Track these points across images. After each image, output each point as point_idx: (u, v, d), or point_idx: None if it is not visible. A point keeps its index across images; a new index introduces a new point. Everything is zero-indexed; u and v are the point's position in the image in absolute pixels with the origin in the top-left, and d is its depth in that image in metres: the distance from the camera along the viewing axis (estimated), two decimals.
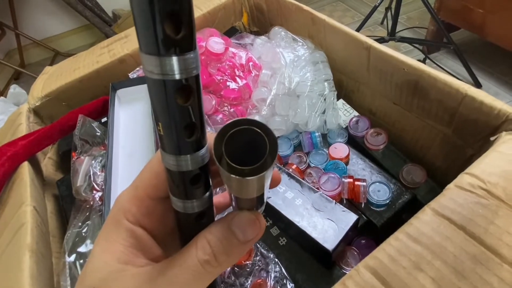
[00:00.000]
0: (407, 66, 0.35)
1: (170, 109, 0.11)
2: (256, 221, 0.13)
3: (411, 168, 0.40)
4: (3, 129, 0.49)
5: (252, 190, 0.12)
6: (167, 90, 0.11)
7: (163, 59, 0.10)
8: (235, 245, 0.13)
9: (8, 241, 0.31)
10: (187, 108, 0.11)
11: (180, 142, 0.12)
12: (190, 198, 0.13)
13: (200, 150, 0.12)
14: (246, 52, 0.47)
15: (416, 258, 0.22)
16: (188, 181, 0.13)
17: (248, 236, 0.13)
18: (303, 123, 0.46)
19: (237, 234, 0.13)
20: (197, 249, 0.12)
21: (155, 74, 0.10)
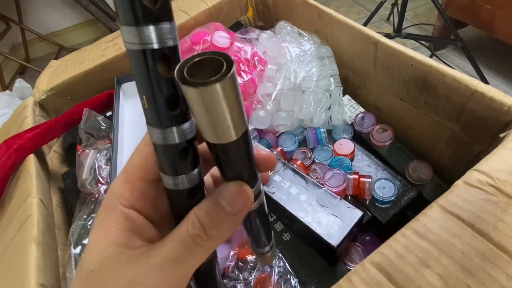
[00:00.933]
0: (415, 61, 0.34)
1: (152, 80, 0.11)
2: (242, 192, 0.13)
3: (417, 165, 0.40)
4: (9, 122, 0.49)
5: (218, 114, 0.11)
6: (147, 60, 0.11)
7: (142, 29, 0.10)
8: (223, 218, 0.13)
9: (14, 233, 0.31)
10: (169, 79, 0.11)
11: (164, 115, 0.12)
12: (179, 173, 0.13)
13: (186, 122, 0.12)
14: (251, 47, 0.47)
15: (423, 255, 0.22)
16: (176, 155, 0.13)
17: (235, 208, 0.13)
18: (308, 119, 0.45)
19: (225, 206, 0.13)
20: (188, 224, 0.13)
21: (135, 45, 0.11)
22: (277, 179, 0.40)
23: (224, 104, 0.11)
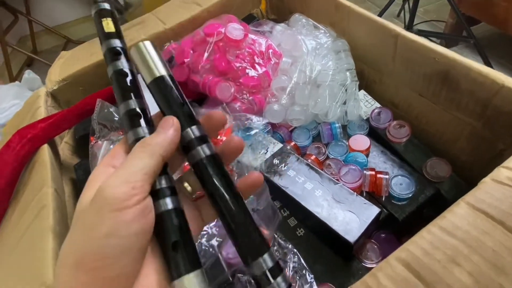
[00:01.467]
0: (438, 55, 0.33)
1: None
2: (169, 118, 0.18)
3: (436, 162, 0.39)
4: (21, 112, 0.49)
5: (146, 60, 0.19)
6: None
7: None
8: (157, 134, 0.18)
9: (30, 222, 0.31)
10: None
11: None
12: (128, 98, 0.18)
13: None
14: (266, 39, 0.46)
15: (451, 252, 0.21)
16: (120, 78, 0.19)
17: (163, 126, 0.18)
18: (323, 114, 0.44)
19: (158, 129, 0.18)
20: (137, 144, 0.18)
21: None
22: (291, 174, 0.39)
23: (147, 55, 0.19)
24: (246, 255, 0.17)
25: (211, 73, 0.45)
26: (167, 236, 0.16)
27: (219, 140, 0.38)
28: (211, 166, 0.18)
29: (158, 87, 0.19)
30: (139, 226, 0.15)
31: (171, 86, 0.19)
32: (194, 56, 0.47)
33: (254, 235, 0.17)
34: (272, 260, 0.17)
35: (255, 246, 0.17)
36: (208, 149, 0.18)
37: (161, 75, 0.18)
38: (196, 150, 0.18)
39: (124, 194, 0.15)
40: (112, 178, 0.15)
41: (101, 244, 0.14)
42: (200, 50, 0.47)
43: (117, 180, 0.15)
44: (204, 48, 0.47)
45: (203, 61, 0.46)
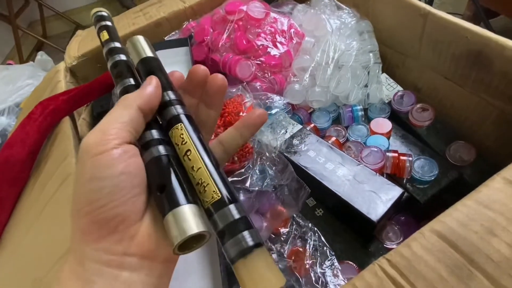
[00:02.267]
0: (470, 33, 0.32)
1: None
2: (152, 77, 0.19)
3: (460, 146, 0.38)
4: (40, 86, 0.49)
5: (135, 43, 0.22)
6: None
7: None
8: (141, 89, 0.18)
9: (55, 190, 0.31)
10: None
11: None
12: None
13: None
14: (287, 18, 0.45)
15: (489, 224, 0.21)
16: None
17: (145, 83, 0.19)
18: (344, 96, 0.44)
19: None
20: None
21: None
22: (312, 154, 0.39)
23: (139, 44, 0.22)
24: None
25: (231, 51, 0.45)
26: (154, 180, 0.17)
27: (241, 117, 0.38)
28: (188, 122, 0.18)
29: (144, 65, 0.20)
30: (120, 168, 0.15)
31: (156, 62, 0.21)
32: (214, 35, 0.46)
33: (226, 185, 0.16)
34: (239, 213, 0.15)
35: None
36: (181, 109, 0.19)
37: (147, 56, 0.21)
38: (170, 108, 0.19)
39: (99, 139, 0.16)
40: (92, 130, 0.16)
41: (87, 189, 0.15)
42: (220, 28, 0.47)
43: (93, 131, 0.16)
44: (224, 26, 0.46)
45: (223, 39, 0.45)
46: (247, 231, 0.15)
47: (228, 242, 0.15)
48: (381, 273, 0.20)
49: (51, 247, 0.28)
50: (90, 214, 0.15)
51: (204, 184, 0.16)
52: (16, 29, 1.44)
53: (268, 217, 0.36)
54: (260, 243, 0.15)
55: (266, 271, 0.14)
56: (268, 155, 0.39)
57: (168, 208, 0.15)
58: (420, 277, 0.19)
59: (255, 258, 0.14)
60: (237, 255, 0.14)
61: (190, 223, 0.15)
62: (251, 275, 0.14)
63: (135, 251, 0.15)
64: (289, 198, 0.33)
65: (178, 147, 0.17)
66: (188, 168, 0.17)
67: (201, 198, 0.16)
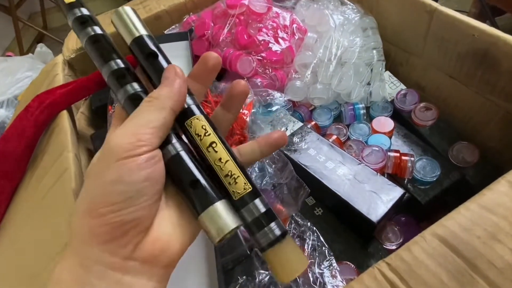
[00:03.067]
0: (478, 31, 0.31)
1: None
2: (171, 66, 0.18)
3: (463, 146, 0.37)
4: (38, 79, 0.49)
5: (125, 23, 0.19)
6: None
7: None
8: (161, 87, 0.17)
9: (51, 184, 0.31)
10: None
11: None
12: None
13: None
14: (290, 13, 0.45)
15: (492, 229, 0.20)
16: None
17: (167, 75, 0.18)
18: (346, 93, 0.43)
19: (162, 80, 0.18)
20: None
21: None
22: (312, 153, 0.38)
23: (128, 19, 0.19)
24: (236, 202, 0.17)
25: (232, 46, 0.44)
26: (184, 177, 0.16)
27: (241, 114, 0.37)
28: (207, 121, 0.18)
29: (139, 46, 0.18)
30: (145, 174, 0.15)
31: (154, 43, 0.19)
32: (214, 29, 0.45)
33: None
34: (265, 206, 0.17)
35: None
36: (194, 99, 0.18)
37: (140, 34, 0.19)
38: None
39: (129, 144, 0.15)
40: (119, 130, 0.16)
41: (107, 191, 0.15)
42: (221, 22, 0.46)
43: (124, 132, 0.15)
44: (225, 21, 0.45)
45: (224, 34, 0.44)
46: (274, 222, 0.17)
47: (258, 233, 0.16)
48: (380, 277, 0.20)
49: (48, 243, 0.28)
50: (105, 215, 0.14)
51: (234, 176, 0.17)
52: (17, 20, 1.43)
53: None
54: (286, 231, 0.17)
55: (292, 256, 0.17)
56: None
57: (204, 205, 0.16)
58: (420, 282, 0.19)
59: (282, 246, 0.16)
60: (267, 245, 0.16)
61: (227, 220, 0.16)
62: (280, 261, 0.16)
63: (138, 255, 0.15)
64: (289, 197, 0.33)
65: (200, 138, 0.17)
66: (214, 160, 0.17)
67: (231, 189, 0.17)
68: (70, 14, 0.19)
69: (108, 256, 0.14)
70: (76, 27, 0.19)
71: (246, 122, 0.37)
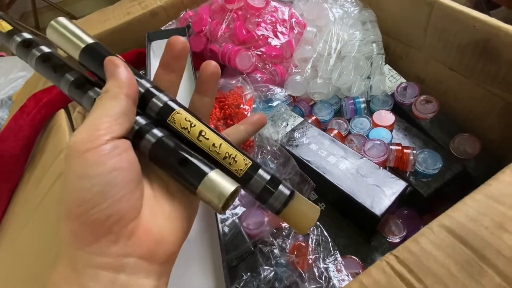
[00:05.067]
0: (479, 22, 0.31)
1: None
2: (110, 59, 0.17)
3: (464, 138, 0.37)
4: (32, 79, 0.48)
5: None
6: None
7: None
8: (108, 80, 0.17)
9: (50, 185, 0.30)
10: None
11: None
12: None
13: None
14: (289, 7, 0.44)
15: (500, 219, 0.20)
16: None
17: (107, 68, 0.17)
18: (346, 88, 0.43)
19: (107, 73, 0.17)
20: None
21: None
22: (314, 148, 0.38)
23: (66, 30, 0.18)
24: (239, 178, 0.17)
25: (230, 42, 0.44)
26: (172, 159, 0.16)
27: (242, 109, 0.37)
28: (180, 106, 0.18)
29: (89, 55, 0.18)
30: (111, 164, 0.14)
31: (104, 50, 0.18)
32: (212, 25, 0.45)
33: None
34: (268, 174, 0.18)
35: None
36: (167, 96, 0.18)
37: (88, 43, 0.18)
38: (156, 96, 0.18)
39: (88, 136, 0.14)
40: (77, 128, 0.15)
41: (75, 188, 0.14)
42: (219, 18, 0.45)
43: (81, 127, 0.15)
44: (223, 16, 0.45)
45: (222, 29, 0.44)
46: (281, 184, 0.18)
47: (271, 199, 0.17)
48: (388, 270, 0.20)
49: (47, 244, 0.27)
50: (82, 216, 0.14)
51: (232, 155, 0.17)
52: None
53: (270, 212, 0.36)
54: (293, 190, 0.18)
55: (305, 208, 0.18)
56: (269, 148, 0.38)
57: (199, 177, 0.16)
58: (429, 274, 0.19)
59: (294, 203, 0.17)
60: (281, 206, 0.17)
61: (225, 184, 0.16)
62: (297, 215, 0.18)
63: (133, 251, 0.14)
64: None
65: (188, 130, 0.17)
66: (208, 147, 0.17)
67: (233, 168, 0.17)
68: (11, 41, 0.19)
69: (97, 257, 0.14)
70: (22, 51, 0.19)
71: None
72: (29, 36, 0.19)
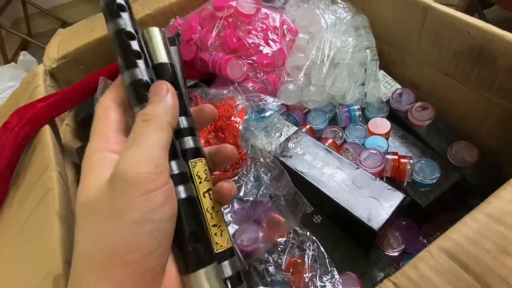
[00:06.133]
0: (474, 29, 0.30)
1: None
2: (161, 83, 0.17)
3: (462, 146, 0.37)
4: (18, 91, 0.46)
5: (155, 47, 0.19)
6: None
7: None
8: (153, 105, 0.16)
9: (34, 207, 0.29)
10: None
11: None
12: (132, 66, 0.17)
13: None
14: (280, 14, 0.43)
15: (502, 241, 0.19)
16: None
17: (156, 93, 0.16)
18: (340, 95, 0.42)
19: (151, 97, 0.16)
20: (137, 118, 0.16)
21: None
22: (308, 158, 0.37)
23: (159, 42, 0.19)
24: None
25: (221, 50, 0.42)
26: (185, 225, 0.15)
27: (233, 121, 0.36)
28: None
29: (160, 74, 0.18)
30: (169, 209, 0.13)
31: (170, 73, 0.18)
32: (202, 32, 0.44)
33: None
34: (235, 268, 0.17)
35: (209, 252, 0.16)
36: (193, 142, 0.18)
37: (162, 62, 0.18)
38: (191, 137, 0.18)
39: (150, 174, 0.13)
40: (131, 157, 0.13)
41: (134, 232, 0.12)
42: (209, 26, 0.44)
43: (138, 159, 0.13)
44: (213, 23, 0.43)
45: (212, 37, 0.43)
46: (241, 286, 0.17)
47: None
48: None
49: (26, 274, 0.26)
50: (134, 263, 0.12)
51: (221, 228, 0.17)
52: None
53: (265, 227, 0.35)
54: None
55: None
56: (262, 160, 0.37)
57: (194, 265, 0.15)
58: None
59: None
60: None
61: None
62: None
63: None
64: (286, 209, 0.32)
65: (200, 180, 0.17)
66: (207, 207, 0.17)
67: (215, 240, 0.16)
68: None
69: None
70: (108, 13, 0.18)
71: (239, 131, 0.35)
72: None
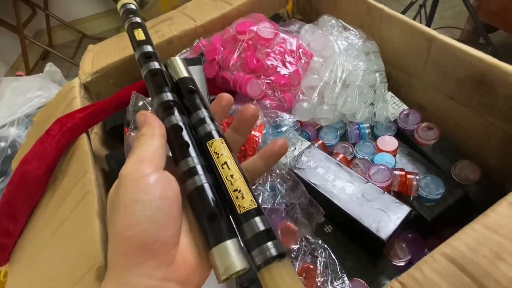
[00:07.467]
0: (474, 59, 0.34)
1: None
2: (140, 114, 0.21)
3: (465, 165, 0.39)
4: (53, 102, 0.50)
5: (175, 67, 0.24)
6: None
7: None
8: (142, 128, 0.20)
9: (73, 207, 0.32)
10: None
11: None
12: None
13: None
14: (296, 39, 0.47)
15: (497, 249, 0.22)
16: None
17: (139, 121, 0.20)
18: (351, 114, 0.45)
19: (139, 125, 0.20)
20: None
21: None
22: (320, 172, 0.40)
23: (176, 65, 0.24)
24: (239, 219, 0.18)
25: (241, 70, 0.46)
26: (204, 208, 0.18)
27: (253, 135, 0.39)
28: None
29: (182, 83, 0.23)
30: (159, 191, 0.16)
31: (192, 82, 0.23)
32: (224, 53, 0.48)
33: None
34: (265, 225, 0.17)
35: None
36: (209, 127, 0.21)
37: (183, 76, 0.23)
38: (208, 124, 0.21)
39: (137, 167, 0.17)
40: (127, 163, 0.18)
41: (129, 211, 0.16)
42: (230, 47, 0.48)
43: (129, 162, 0.18)
44: (234, 45, 0.48)
45: (234, 58, 0.47)
46: (273, 241, 0.17)
47: (255, 250, 0.16)
48: None
49: (69, 267, 0.29)
50: (132, 238, 0.15)
51: (242, 192, 0.18)
52: (24, 39, 1.47)
53: (279, 234, 0.37)
54: (283, 253, 0.17)
55: (286, 279, 0.16)
56: (278, 172, 0.40)
57: (216, 240, 0.17)
58: None
59: (277, 266, 0.16)
60: (262, 264, 0.16)
61: (236, 259, 0.16)
62: (272, 282, 0.16)
63: (173, 276, 0.16)
64: (302, 217, 0.34)
65: (218, 156, 0.19)
66: (226, 175, 0.19)
67: (237, 203, 0.18)
68: (138, 50, 0.24)
69: (146, 279, 0.15)
70: (141, 61, 0.23)
71: (258, 143, 0.38)
72: (149, 49, 0.24)
